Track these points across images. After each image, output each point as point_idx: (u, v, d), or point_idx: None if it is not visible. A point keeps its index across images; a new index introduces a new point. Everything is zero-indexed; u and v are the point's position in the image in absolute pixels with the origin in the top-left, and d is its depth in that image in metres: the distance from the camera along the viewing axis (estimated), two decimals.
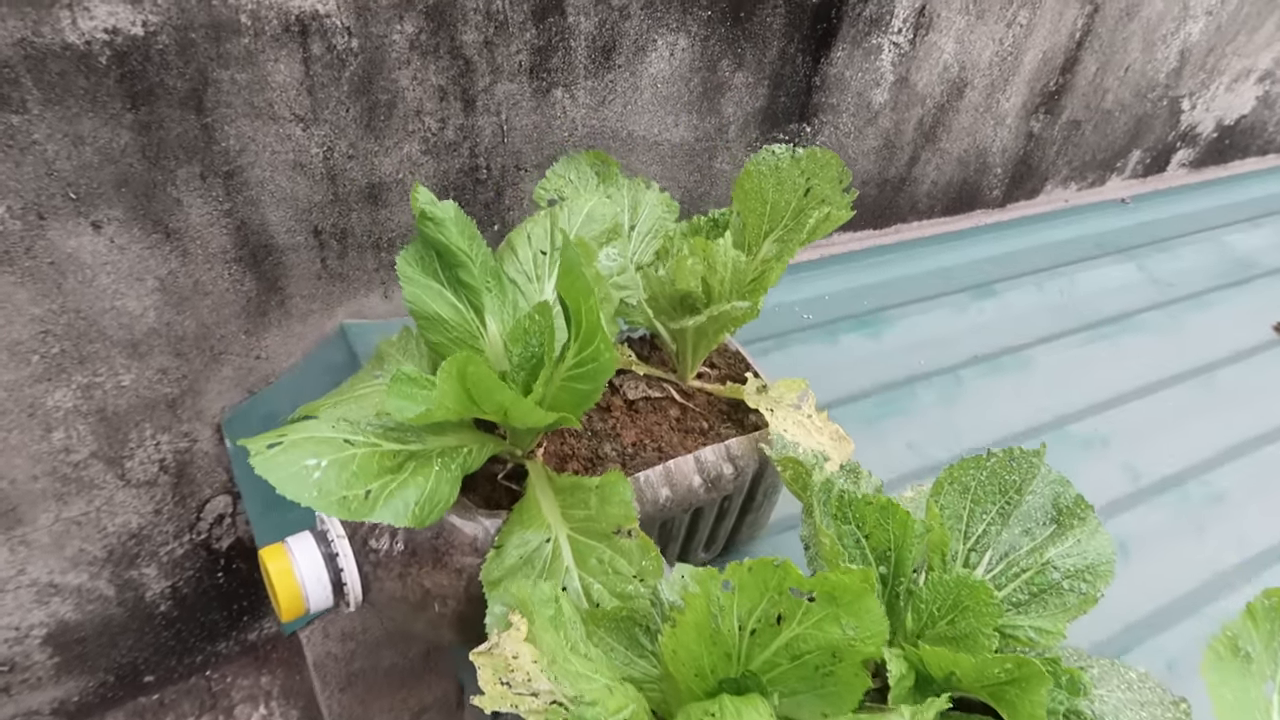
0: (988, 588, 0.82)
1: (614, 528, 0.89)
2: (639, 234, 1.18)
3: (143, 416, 1.35)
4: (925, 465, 1.52)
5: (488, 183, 1.40)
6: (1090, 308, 1.94)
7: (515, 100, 1.34)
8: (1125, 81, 2.07)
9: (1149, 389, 1.76)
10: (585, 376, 0.92)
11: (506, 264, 1.08)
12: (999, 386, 1.69)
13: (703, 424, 1.15)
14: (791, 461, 0.91)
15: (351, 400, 0.97)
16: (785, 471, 0.93)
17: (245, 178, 1.20)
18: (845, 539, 0.85)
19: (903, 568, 0.85)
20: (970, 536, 0.93)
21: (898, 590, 0.86)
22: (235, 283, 1.29)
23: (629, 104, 1.44)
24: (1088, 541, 0.90)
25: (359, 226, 1.34)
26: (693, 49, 1.43)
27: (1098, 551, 0.89)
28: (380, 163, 1.29)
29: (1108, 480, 1.56)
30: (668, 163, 1.56)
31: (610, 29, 1.34)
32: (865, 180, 1.84)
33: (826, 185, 1.07)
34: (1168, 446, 1.65)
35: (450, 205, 0.96)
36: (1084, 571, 0.89)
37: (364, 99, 1.22)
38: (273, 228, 1.27)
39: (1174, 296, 2.04)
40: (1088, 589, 0.88)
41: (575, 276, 0.87)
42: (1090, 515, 0.92)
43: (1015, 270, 2.00)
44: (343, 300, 1.41)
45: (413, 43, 1.21)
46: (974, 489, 0.93)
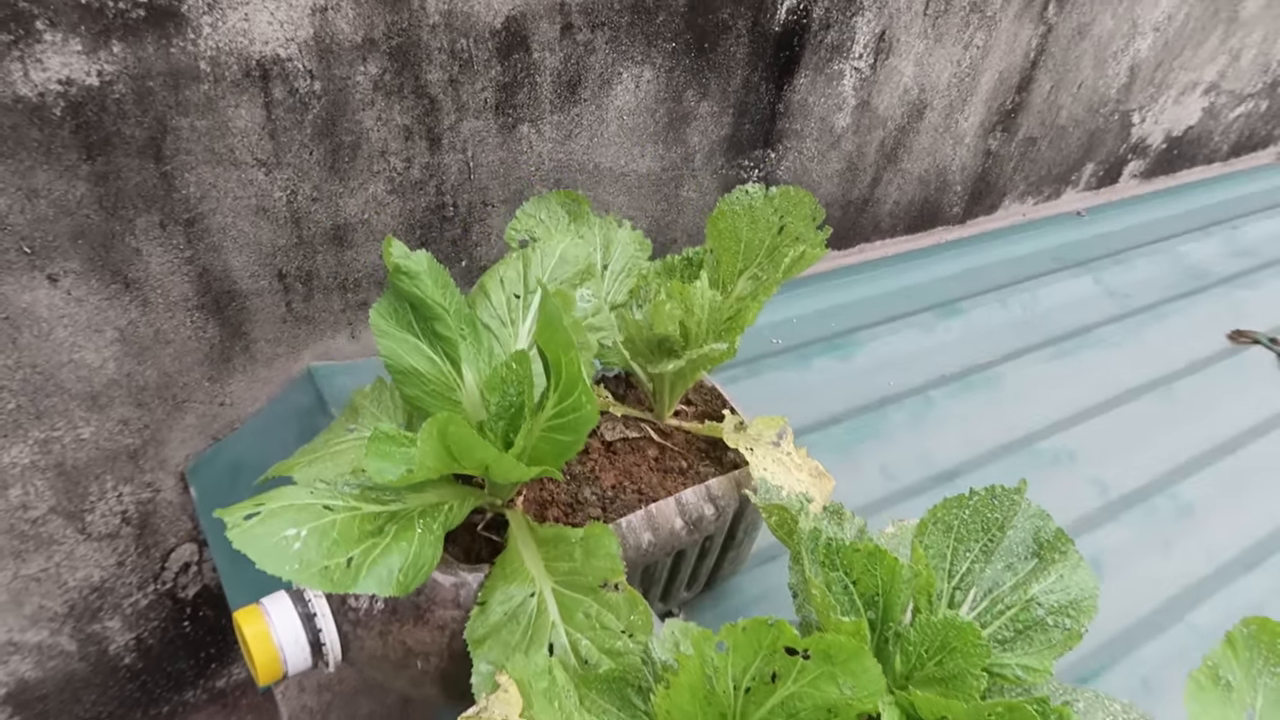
0: (975, 629, 0.83)
1: (600, 581, 0.87)
2: (612, 273, 1.17)
3: (103, 469, 1.31)
4: (900, 489, 1.52)
5: (454, 220, 1.38)
6: (1052, 322, 1.97)
7: (481, 137, 1.32)
8: (1078, 98, 2.11)
9: (1111, 403, 1.79)
10: (566, 427, 0.91)
11: (479, 309, 1.06)
12: (968, 406, 1.71)
13: (681, 463, 1.15)
14: (776, 508, 0.90)
15: (327, 457, 0.94)
16: (770, 518, 0.92)
17: (207, 224, 1.18)
18: (834, 585, 0.85)
19: (891, 612, 0.85)
20: (954, 575, 0.93)
21: (886, 634, 0.86)
22: (198, 330, 1.26)
23: (595, 137, 1.43)
24: (1070, 576, 0.91)
25: (324, 268, 1.31)
26: (658, 80, 1.43)
27: (1080, 587, 0.90)
28: (345, 204, 1.27)
29: (1077, 496, 1.58)
30: (635, 193, 1.55)
31: (575, 63, 1.33)
32: (829, 202, 1.85)
33: (800, 223, 1.07)
34: (1133, 460, 1.67)
35: (423, 256, 0.95)
36: (1068, 607, 0.89)
37: (328, 141, 1.20)
38: (236, 273, 1.24)
39: (1131, 309, 2.08)
40: (1072, 625, 0.88)
41: (555, 329, 0.86)
42: (1071, 549, 0.93)
43: (978, 287, 2.02)
44: (309, 343, 1.38)
45: (376, 83, 1.19)
46: (957, 527, 0.93)
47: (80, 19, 0.96)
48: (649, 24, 1.35)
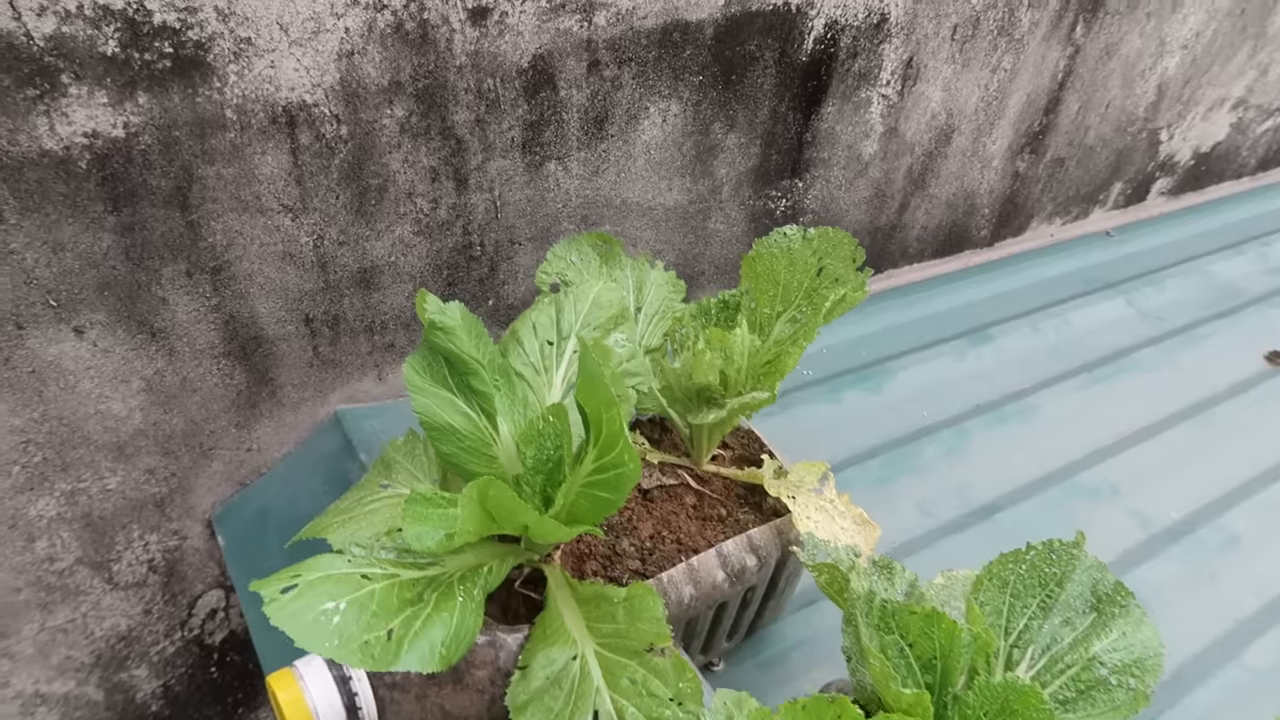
0: (1038, 693, 0.79)
1: (646, 645, 0.84)
2: (646, 316, 1.15)
3: (130, 518, 1.29)
4: (938, 526, 1.49)
5: (481, 259, 1.36)
6: (1085, 347, 1.94)
7: (508, 176, 1.30)
8: (1106, 118, 2.08)
9: (1151, 430, 1.75)
10: (607, 484, 0.88)
11: (512, 356, 1.04)
12: (1004, 437, 1.67)
13: (720, 511, 1.12)
14: (826, 567, 0.87)
15: (361, 517, 0.92)
16: (820, 576, 0.89)
17: (233, 272, 1.16)
18: (890, 650, 0.81)
19: (949, 676, 0.82)
20: (1011, 632, 0.89)
21: (944, 699, 0.82)
22: (224, 377, 1.24)
23: (622, 172, 1.41)
24: (1134, 634, 0.87)
25: (351, 312, 1.29)
26: (685, 114, 1.41)
27: (1145, 644, 0.86)
28: (372, 247, 1.25)
29: (1119, 530, 1.54)
30: (662, 227, 1.53)
31: (603, 100, 1.31)
32: (857, 230, 1.83)
33: (839, 264, 1.04)
34: (1175, 490, 1.63)
35: (456, 309, 0.92)
36: (1132, 666, 0.86)
37: (354, 185, 1.18)
38: (262, 319, 1.22)
39: (1165, 331, 2.04)
40: (1137, 685, 0.85)
41: (596, 386, 0.83)
42: (1131, 602, 0.89)
43: (1009, 312, 1.99)
44: (336, 386, 1.36)
45: (403, 126, 1.17)
46: (1013, 583, 0.90)
47: (106, 71, 0.95)
48: (676, 58, 1.33)
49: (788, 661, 1.24)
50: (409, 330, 1.37)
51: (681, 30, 1.31)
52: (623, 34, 1.26)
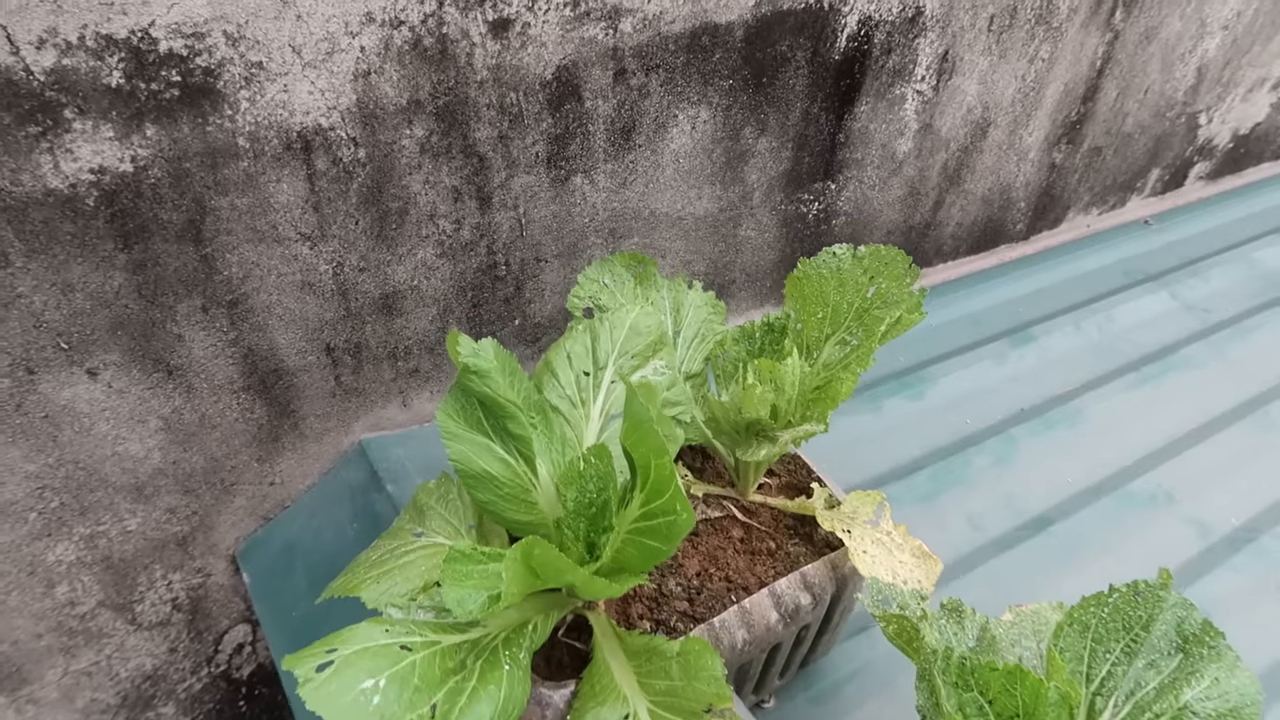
0: None
1: (704, 705, 0.79)
2: (684, 340, 1.09)
3: (152, 558, 1.25)
4: (989, 541, 1.43)
5: (507, 279, 1.31)
6: (1130, 344, 1.87)
7: (533, 192, 1.24)
8: (1145, 103, 2.00)
9: (1203, 432, 1.68)
10: (656, 533, 0.82)
11: (547, 389, 0.98)
12: (1051, 444, 1.60)
13: (770, 544, 1.06)
14: (895, 618, 0.81)
15: (395, 570, 0.86)
16: (888, 627, 0.83)
17: (250, 304, 1.10)
18: (968, 707, 0.76)
19: None
20: (1093, 679, 0.84)
21: None
22: (245, 412, 1.19)
23: (651, 182, 1.35)
24: (1227, 680, 0.81)
25: (374, 338, 1.24)
26: (714, 120, 1.35)
27: (1240, 692, 0.80)
28: (394, 272, 1.19)
29: (1178, 541, 1.48)
30: (691, 236, 1.47)
31: (629, 109, 1.25)
32: (891, 230, 1.76)
33: (892, 283, 0.98)
34: (1234, 496, 1.57)
35: (490, 347, 0.87)
36: (1227, 716, 0.80)
37: (374, 209, 1.12)
38: (282, 351, 1.17)
39: (1211, 324, 1.96)
40: None
41: (645, 433, 0.77)
42: (1221, 643, 0.83)
43: (1049, 309, 1.92)
44: (360, 415, 1.31)
45: (423, 146, 1.11)
46: (1095, 627, 0.84)
47: (111, 104, 0.90)
48: (705, 63, 1.27)
49: (841, 695, 1.19)
50: (434, 355, 1.32)
51: (710, 34, 1.24)
52: (649, 40, 1.20)
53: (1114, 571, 1.40)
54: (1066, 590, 1.37)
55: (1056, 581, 1.38)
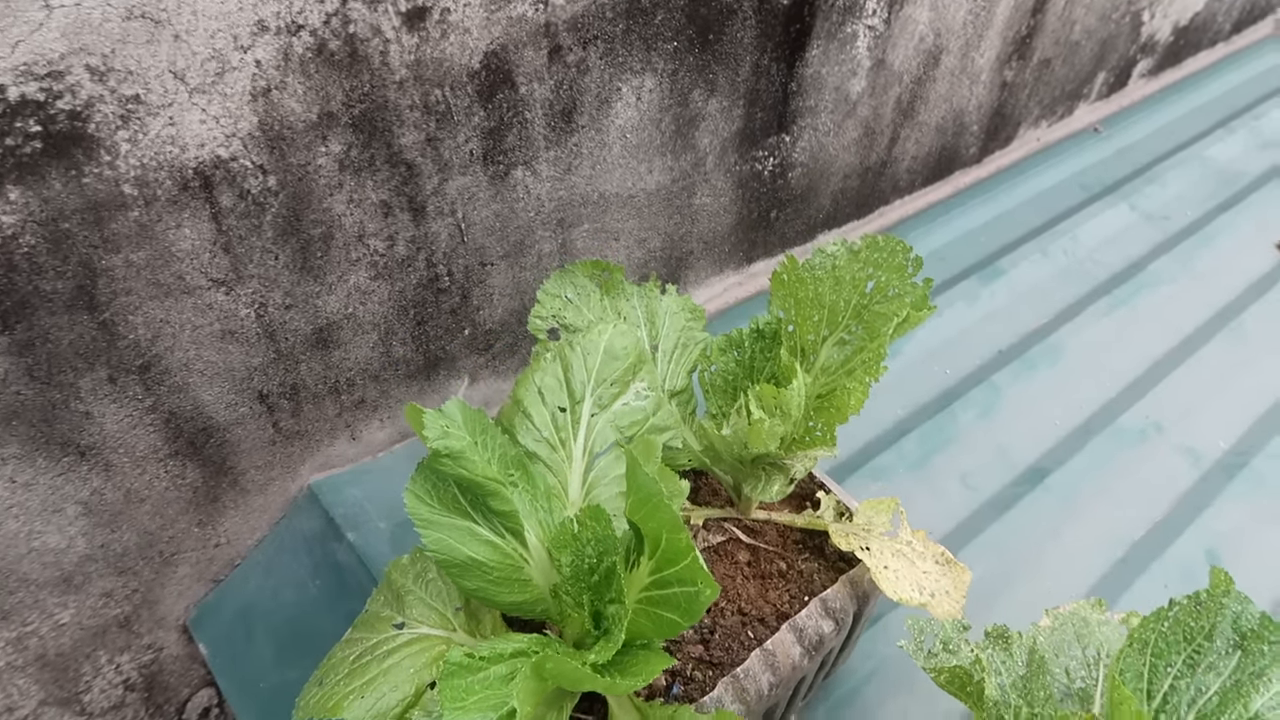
0: None
1: None
2: (664, 353, 0.98)
3: (93, 646, 1.12)
4: (985, 502, 1.37)
5: (451, 289, 1.18)
6: (1098, 265, 1.81)
7: (471, 194, 1.11)
8: (1092, 8, 1.90)
9: (1182, 352, 1.64)
10: (673, 604, 0.73)
11: (520, 433, 0.87)
12: (1035, 386, 1.55)
13: (780, 564, 0.98)
14: (949, 670, 0.74)
15: (379, 676, 0.76)
16: (940, 677, 0.76)
17: (165, 365, 0.96)
18: None
19: None
20: (1154, 695, 0.78)
21: None
22: (175, 479, 1.05)
23: (598, 164, 1.22)
24: None
25: (311, 376, 1.11)
26: (660, 87, 1.21)
27: None
28: (325, 303, 1.06)
29: (1172, 474, 1.44)
30: (645, 213, 1.35)
31: (569, 89, 1.11)
32: (847, 173, 1.66)
33: (892, 276, 0.88)
34: (1219, 417, 1.53)
35: (456, 412, 0.75)
36: None
37: (294, 239, 0.98)
38: (209, 408, 1.03)
39: (1173, 233, 1.91)
40: None
41: (655, 507, 0.67)
42: None
43: (1012, 236, 1.84)
44: (305, 457, 1.18)
45: (342, 162, 0.97)
46: (1154, 642, 0.77)
47: None
48: (646, 26, 1.13)
49: (861, 698, 1.13)
50: (379, 383, 1.19)
51: None
52: (584, 10, 1.05)
53: (1114, 517, 1.36)
54: (1070, 544, 1.33)
55: (1059, 536, 1.33)
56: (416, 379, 1.23)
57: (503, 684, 0.69)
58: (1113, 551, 1.32)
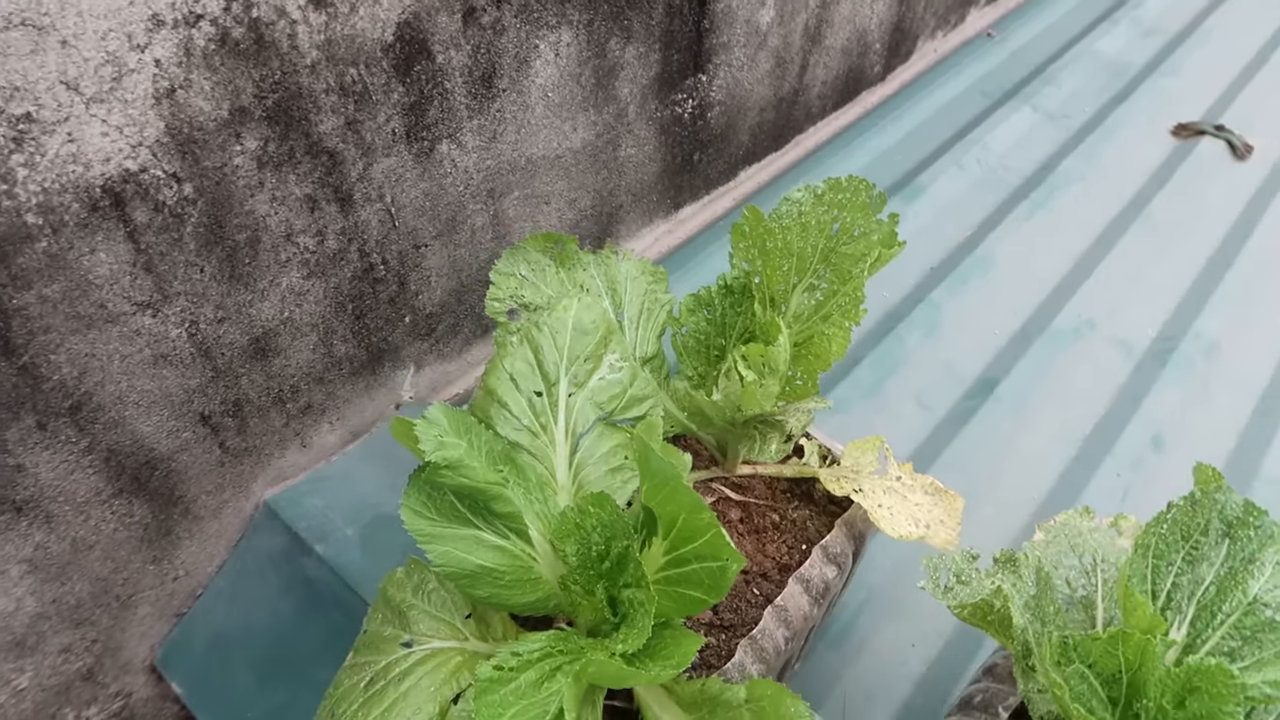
0: (1226, 671, 0.70)
1: None
2: (630, 320, 0.95)
3: (58, 704, 1.05)
4: (941, 419, 1.39)
5: (387, 278, 1.11)
6: (1011, 171, 1.84)
7: (397, 175, 1.04)
8: None
9: (1102, 248, 1.69)
10: (693, 581, 0.71)
11: (498, 422, 0.83)
12: (971, 298, 1.57)
13: (773, 516, 0.97)
14: (972, 606, 0.74)
15: (399, 700, 0.72)
16: (962, 611, 0.76)
17: (97, 402, 0.89)
18: (1073, 679, 0.70)
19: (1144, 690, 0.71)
20: (1158, 596, 0.80)
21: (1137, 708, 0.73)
22: (123, 518, 0.98)
23: (522, 127, 1.17)
24: None
25: (253, 389, 1.04)
26: (578, 40, 1.16)
27: None
28: (259, 311, 0.99)
29: (1110, 367, 1.49)
30: (573, 173, 1.30)
31: (487, 52, 1.05)
32: (763, 107, 1.63)
33: (856, 215, 0.87)
34: (1144, 307, 1.59)
35: (441, 418, 0.71)
36: None
37: (219, 248, 0.91)
38: (149, 439, 0.96)
39: (1075, 130, 1.96)
40: None
41: (674, 490, 0.65)
42: (1266, 521, 0.81)
43: (924, 152, 1.86)
44: (257, 473, 1.11)
45: (260, 159, 0.89)
46: (1154, 545, 0.79)
47: None
48: None
49: (856, 630, 1.14)
50: (324, 385, 1.13)
51: None
52: None
53: (1063, 417, 1.40)
54: (1026, 449, 1.36)
55: (1014, 443, 1.36)
56: (361, 375, 1.17)
57: (536, 690, 0.66)
58: (1066, 450, 1.37)
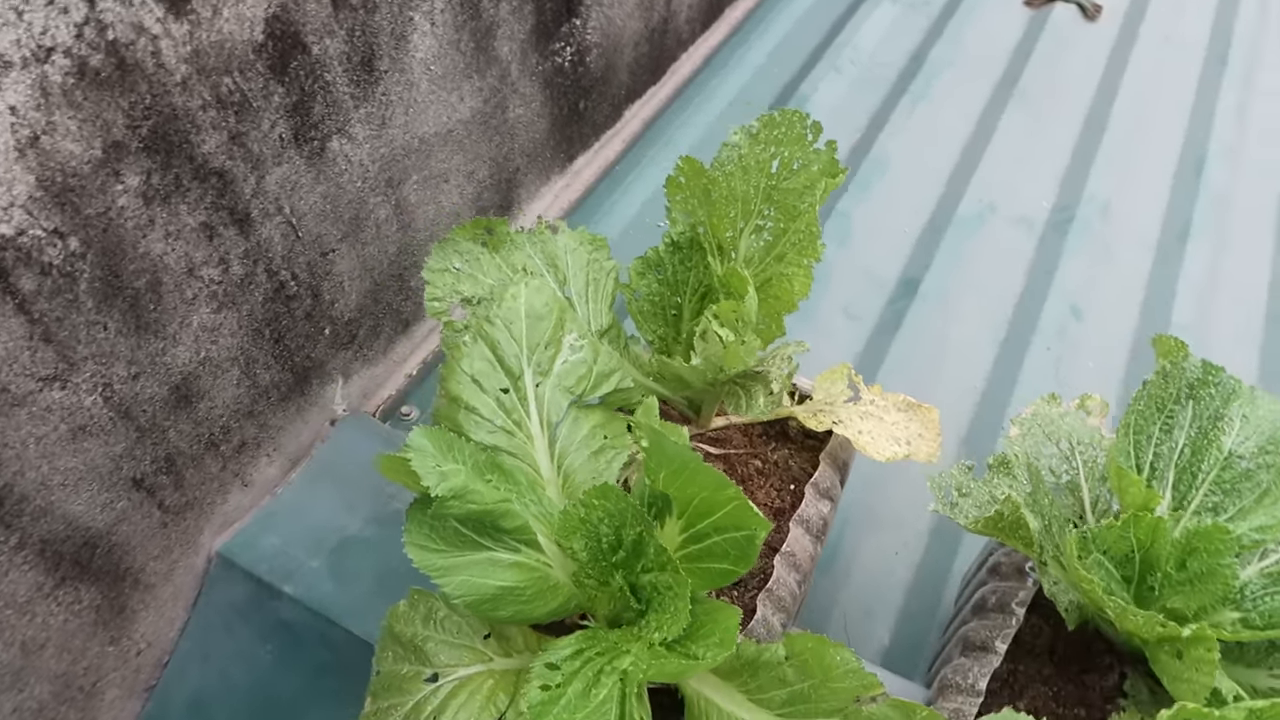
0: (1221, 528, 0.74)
1: (846, 702, 0.70)
2: (578, 295, 0.91)
3: None
4: (872, 328, 1.41)
5: (300, 293, 1.04)
6: (886, 65, 1.84)
7: (293, 183, 0.96)
8: None
9: (986, 130, 1.72)
10: (717, 554, 0.70)
11: (470, 427, 0.79)
12: (874, 201, 1.58)
13: (755, 463, 0.96)
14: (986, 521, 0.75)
15: None
16: (976, 526, 0.77)
17: (19, 493, 0.80)
18: (1093, 569, 0.72)
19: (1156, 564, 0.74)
20: (1143, 469, 0.83)
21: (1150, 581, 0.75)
22: (70, 606, 0.90)
23: (410, 107, 1.09)
24: (1254, 411, 0.82)
25: (183, 440, 0.96)
26: (451, 4, 1.09)
27: (1269, 417, 0.82)
28: (174, 356, 0.91)
29: (1015, 246, 1.53)
30: (467, 145, 1.23)
31: (362, 34, 0.97)
32: (637, 41, 1.58)
33: (795, 149, 0.84)
34: (1035, 180, 1.63)
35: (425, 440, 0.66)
36: (1268, 446, 0.81)
37: (119, 301, 0.82)
38: (83, 518, 0.88)
39: (935, 16, 1.97)
40: (1276, 459, 0.81)
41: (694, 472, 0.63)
42: (1225, 377, 0.84)
43: (799, 60, 1.84)
44: (203, 525, 1.04)
45: (146, 194, 0.81)
46: (1134, 422, 0.82)
47: None
48: None
49: (841, 551, 1.16)
50: (254, 418, 1.05)
51: None
52: None
53: (985, 304, 1.44)
54: (958, 340, 1.39)
55: (947, 337, 1.39)
56: (291, 399, 1.10)
57: (586, 699, 0.64)
58: (995, 334, 1.40)
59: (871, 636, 1.10)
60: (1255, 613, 0.77)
